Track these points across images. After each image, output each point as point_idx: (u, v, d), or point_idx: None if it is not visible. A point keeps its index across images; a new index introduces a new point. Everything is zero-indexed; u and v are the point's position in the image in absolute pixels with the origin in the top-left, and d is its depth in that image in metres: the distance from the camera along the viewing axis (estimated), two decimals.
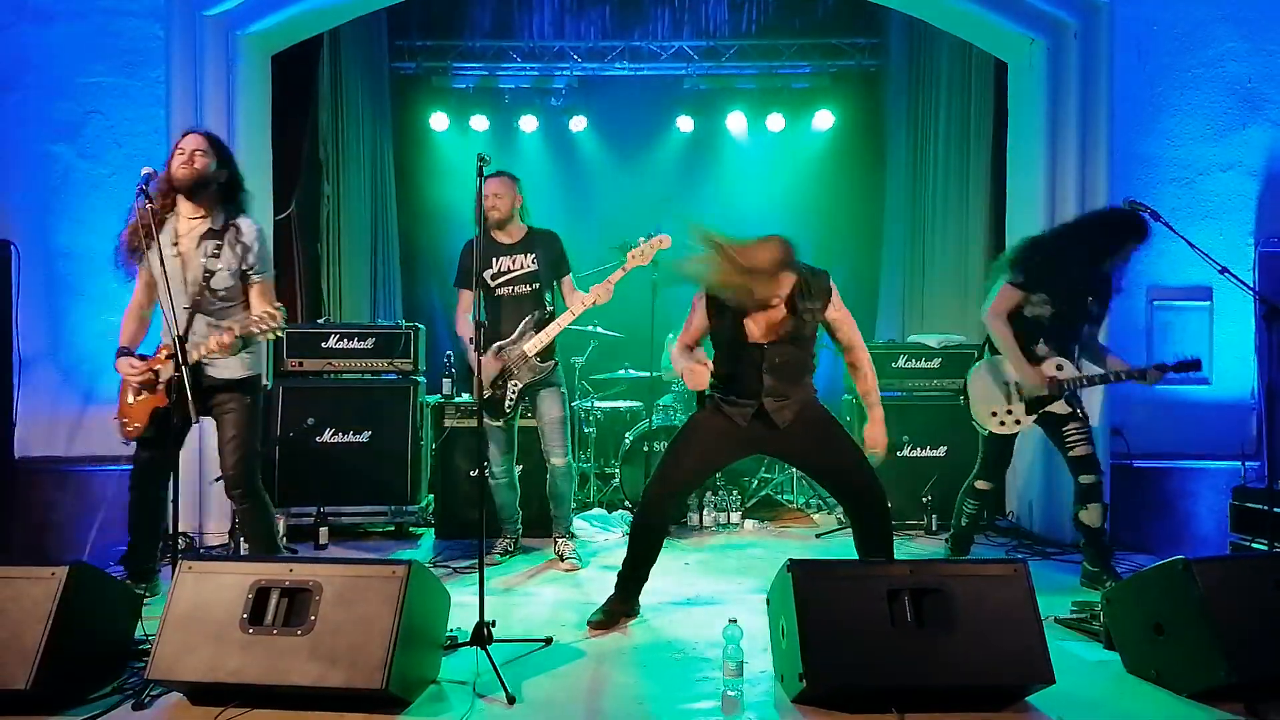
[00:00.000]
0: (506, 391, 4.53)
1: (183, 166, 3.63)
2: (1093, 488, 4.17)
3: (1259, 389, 5.04)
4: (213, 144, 3.72)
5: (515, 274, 4.55)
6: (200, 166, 3.64)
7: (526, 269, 4.56)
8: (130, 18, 4.94)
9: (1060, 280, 4.13)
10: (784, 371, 3.55)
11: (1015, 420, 4.17)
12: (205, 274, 3.63)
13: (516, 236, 4.61)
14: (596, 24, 8.44)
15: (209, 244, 3.66)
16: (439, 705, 2.89)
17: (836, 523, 5.69)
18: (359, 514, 5.35)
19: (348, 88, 7.31)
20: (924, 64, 7.53)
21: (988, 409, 4.21)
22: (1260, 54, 5.06)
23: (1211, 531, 4.96)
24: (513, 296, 4.55)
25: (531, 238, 4.62)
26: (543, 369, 4.54)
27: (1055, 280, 4.14)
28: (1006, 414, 4.18)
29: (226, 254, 3.66)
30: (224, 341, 3.49)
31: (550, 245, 4.63)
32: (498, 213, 4.49)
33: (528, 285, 4.56)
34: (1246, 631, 2.80)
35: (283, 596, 2.85)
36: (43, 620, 2.78)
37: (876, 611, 2.85)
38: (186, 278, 3.64)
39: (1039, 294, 4.17)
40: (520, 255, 4.57)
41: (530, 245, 4.59)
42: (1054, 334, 4.20)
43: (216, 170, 3.68)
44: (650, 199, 8.22)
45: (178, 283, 3.59)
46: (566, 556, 4.67)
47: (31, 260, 4.86)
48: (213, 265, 3.63)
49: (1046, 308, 4.18)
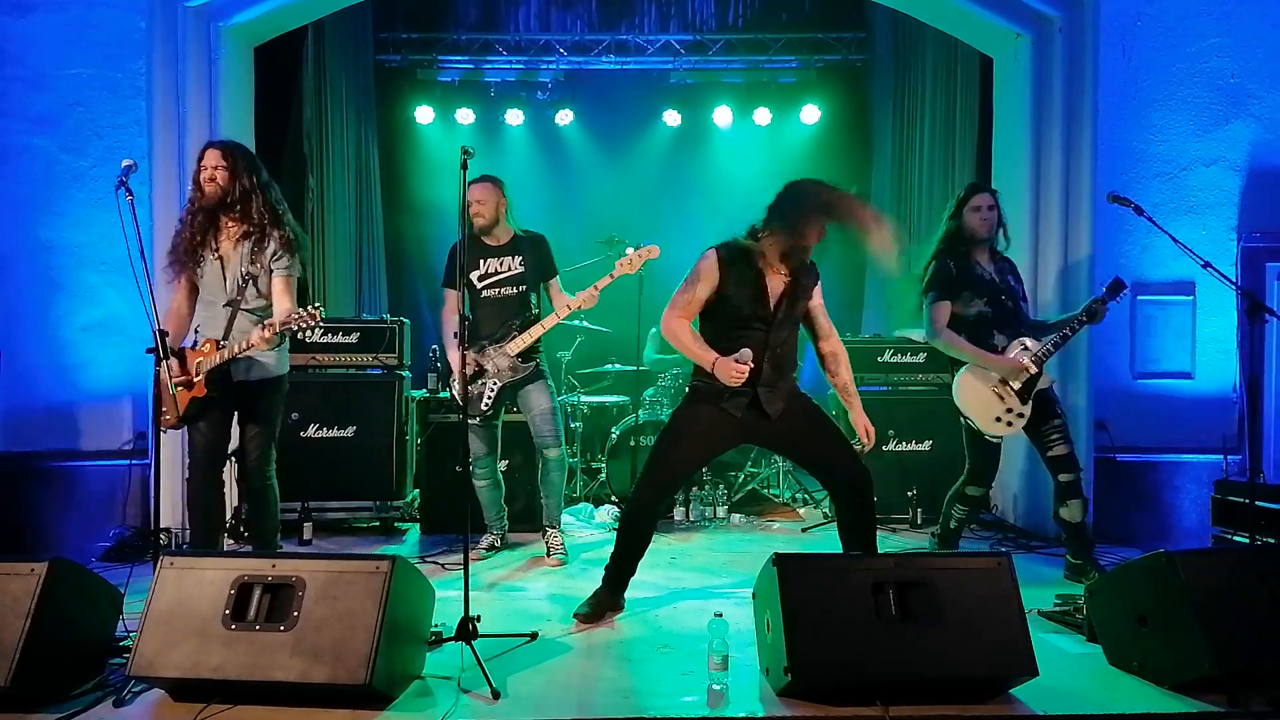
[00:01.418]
0: (485, 390, 4.53)
1: (208, 183, 3.71)
2: (1072, 485, 4.20)
3: (1241, 383, 5.08)
4: (229, 154, 3.76)
5: (502, 276, 4.56)
6: (222, 183, 3.70)
7: (513, 271, 4.57)
8: (111, 9, 4.90)
9: (964, 275, 4.25)
10: (782, 359, 3.59)
11: (1018, 414, 4.18)
12: (245, 275, 3.74)
13: (504, 239, 4.61)
14: (583, 17, 8.42)
15: (245, 245, 3.74)
16: (423, 701, 2.88)
17: (822, 517, 5.70)
18: (343, 509, 5.33)
19: (332, 80, 7.26)
20: (910, 58, 7.54)
21: (990, 416, 4.21)
22: (1244, 49, 5.08)
23: (1194, 525, 5.00)
24: (499, 298, 4.56)
25: (518, 241, 4.63)
26: (523, 369, 4.54)
27: (962, 277, 4.25)
28: (1007, 412, 4.19)
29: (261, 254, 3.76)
30: (266, 336, 3.54)
31: (537, 249, 4.64)
32: (482, 219, 4.50)
33: (514, 288, 4.57)
34: (1228, 623, 2.82)
35: (265, 592, 2.83)
36: (23, 616, 2.76)
37: (861, 605, 2.85)
38: (226, 278, 3.75)
39: (963, 295, 4.26)
40: (507, 258, 4.58)
41: (517, 248, 4.60)
42: (1000, 323, 4.26)
43: (240, 180, 3.73)
44: (637, 193, 8.22)
45: (218, 283, 3.74)
46: (554, 551, 4.66)
47: (13, 254, 4.82)
48: (252, 269, 3.74)
49: (977, 303, 4.26)
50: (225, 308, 3.74)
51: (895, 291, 4.54)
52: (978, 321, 4.26)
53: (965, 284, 4.27)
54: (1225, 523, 4.55)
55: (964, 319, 4.28)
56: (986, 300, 4.26)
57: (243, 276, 3.74)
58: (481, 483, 4.73)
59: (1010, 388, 4.18)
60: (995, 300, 4.27)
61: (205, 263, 3.75)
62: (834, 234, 3.49)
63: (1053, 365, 5.24)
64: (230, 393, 3.75)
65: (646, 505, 3.68)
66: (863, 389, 5.56)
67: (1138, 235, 5.03)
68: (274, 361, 3.83)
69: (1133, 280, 5.12)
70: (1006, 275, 4.36)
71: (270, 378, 3.83)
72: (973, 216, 4.28)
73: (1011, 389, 4.18)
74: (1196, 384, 5.12)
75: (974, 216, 4.28)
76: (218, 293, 3.75)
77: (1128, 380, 5.14)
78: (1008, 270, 4.39)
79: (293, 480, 5.18)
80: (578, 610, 3.70)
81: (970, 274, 4.28)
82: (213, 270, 3.75)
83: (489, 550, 4.78)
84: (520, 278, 4.58)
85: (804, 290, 3.60)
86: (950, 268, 4.28)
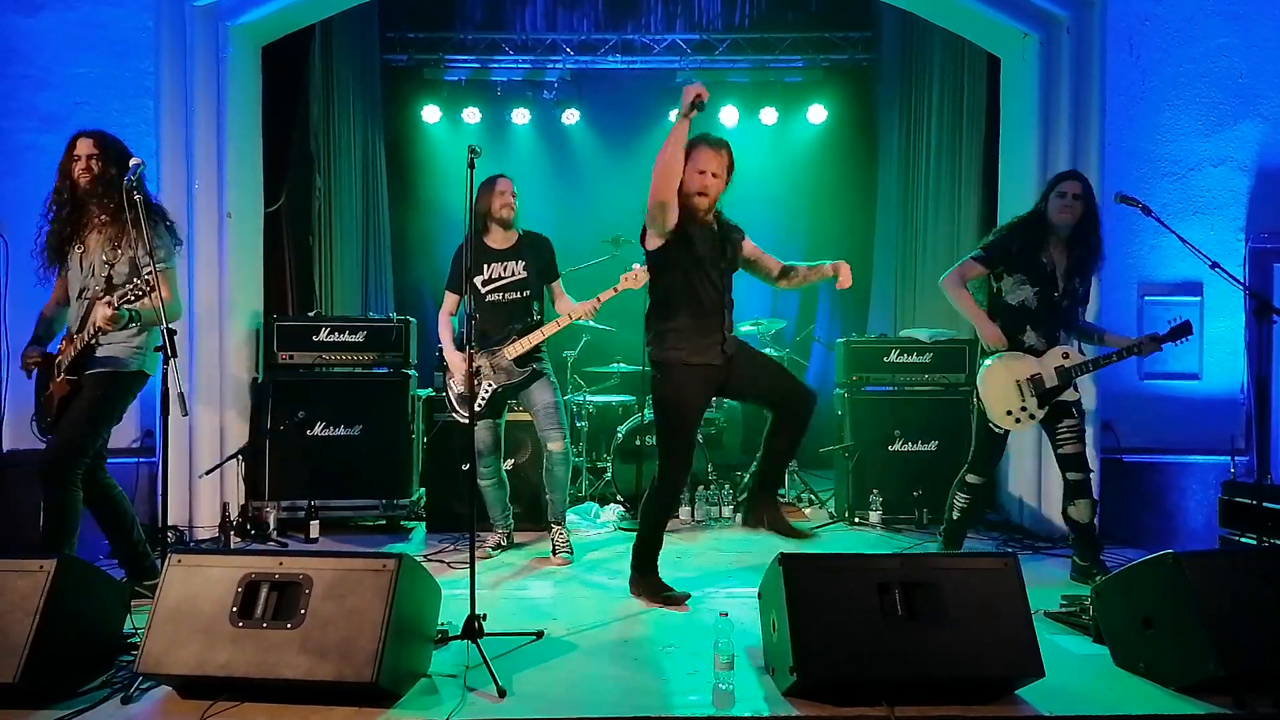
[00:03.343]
0: (479, 391, 4.52)
1: (82, 174, 3.66)
2: (1081, 484, 4.19)
3: (1248, 384, 5.06)
4: (99, 143, 3.70)
5: (505, 281, 4.57)
6: (97, 171, 3.66)
7: (517, 276, 4.58)
8: (119, 8, 4.92)
9: (1025, 257, 4.15)
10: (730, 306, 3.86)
11: (1030, 415, 4.17)
12: (104, 265, 3.67)
13: (509, 241, 4.61)
14: (589, 17, 8.42)
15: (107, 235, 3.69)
16: (429, 698, 2.88)
17: (828, 516, 5.70)
18: (350, 507, 5.34)
19: (339, 79, 7.27)
20: (917, 58, 7.53)
21: (1004, 408, 4.19)
22: (1252, 49, 5.07)
23: (1200, 526, 4.99)
24: (502, 302, 4.56)
25: (522, 243, 4.62)
26: (520, 373, 4.53)
27: (1021, 258, 4.16)
28: (1021, 410, 4.17)
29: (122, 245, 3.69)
30: (107, 315, 3.43)
31: (540, 252, 4.64)
32: (510, 210, 4.53)
33: (518, 292, 4.58)
34: (1234, 625, 2.82)
35: (273, 590, 2.84)
36: (31, 613, 2.77)
37: (867, 604, 2.85)
38: (83, 268, 3.72)
39: (1015, 276, 4.18)
40: (511, 262, 4.58)
41: (520, 251, 4.60)
42: (1041, 319, 4.17)
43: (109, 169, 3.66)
44: (643, 192, 8.20)
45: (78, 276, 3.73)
46: (560, 549, 4.65)
47: (20, 252, 4.82)
48: (112, 258, 3.66)
49: (1027, 288, 4.17)
50: (81, 300, 3.67)
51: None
52: (1019, 310, 4.19)
53: (1021, 266, 4.16)
54: (1232, 524, 4.54)
55: (1004, 301, 4.21)
56: (1037, 292, 4.15)
57: (99, 266, 3.65)
58: (486, 482, 4.71)
59: (1034, 388, 4.15)
60: (1046, 295, 4.16)
61: (71, 256, 3.70)
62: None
63: None
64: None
65: (677, 484, 3.92)
66: (868, 389, 5.62)
67: (1145, 235, 5.02)
68: (125, 355, 3.70)
69: (1140, 280, 5.12)
70: (1073, 275, 4.19)
71: (110, 371, 3.67)
72: (1056, 203, 4.14)
73: (1033, 390, 4.15)
74: (1204, 385, 5.11)
75: (1057, 203, 4.13)
76: (80, 285, 3.69)
77: (1135, 381, 5.13)
78: (1076, 270, 4.20)
79: (299, 478, 5.24)
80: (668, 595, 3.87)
81: (1031, 259, 4.15)
82: (76, 263, 3.70)
83: (495, 549, 4.78)
84: (523, 283, 4.58)
85: (730, 242, 3.87)
86: (1013, 244, 4.18)
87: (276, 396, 5.32)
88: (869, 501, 5.47)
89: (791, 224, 8.49)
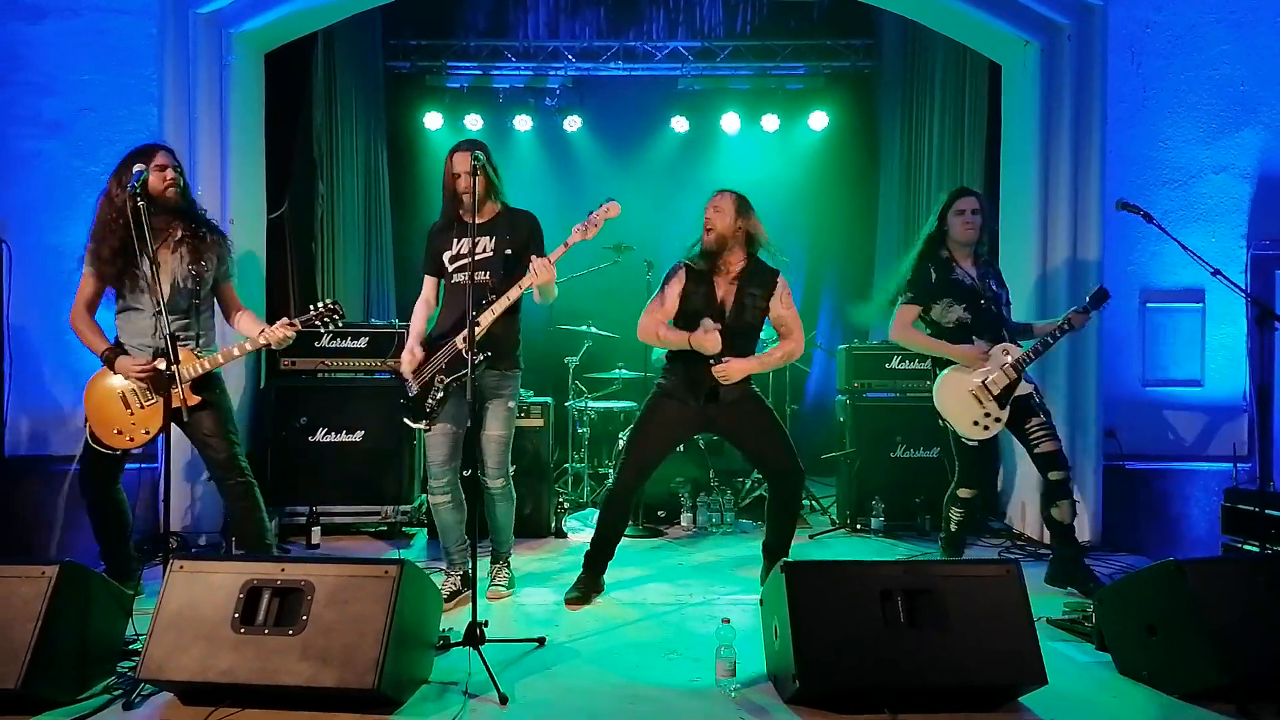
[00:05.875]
0: (431, 391, 3.89)
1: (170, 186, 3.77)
2: (1061, 484, 4.14)
3: (1250, 391, 5.06)
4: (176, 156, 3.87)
5: (474, 258, 3.74)
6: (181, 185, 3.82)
7: (484, 254, 3.90)
8: (122, 15, 4.92)
9: (944, 281, 4.25)
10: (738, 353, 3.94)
11: (995, 419, 4.16)
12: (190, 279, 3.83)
13: (486, 217, 3.96)
14: (591, 24, 8.44)
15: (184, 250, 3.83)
16: (431, 705, 2.88)
17: (830, 523, 5.70)
18: (351, 513, 5.34)
19: (342, 86, 7.28)
20: (918, 65, 7.54)
21: (968, 420, 4.20)
22: (1253, 57, 5.08)
23: (1203, 533, 4.98)
24: (466, 285, 3.67)
25: (499, 219, 3.97)
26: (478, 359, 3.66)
27: (941, 283, 4.25)
28: (985, 416, 4.17)
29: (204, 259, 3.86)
30: (288, 334, 3.74)
31: (517, 227, 3.96)
32: (470, 195, 3.66)
33: (485, 273, 3.87)
34: (1238, 632, 2.81)
35: (274, 596, 2.84)
36: (33, 619, 2.77)
37: (870, 612, 2.85)
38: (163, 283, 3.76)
39: (942, 301, 4.26)
40: (483, 238, 3.91)
41: (494, 227, 3.94)
42: (980, 328, 4.24)
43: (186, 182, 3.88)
44: (644, 199, 8.21)
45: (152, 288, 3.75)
46: (496, 584, 4.12)
47: (23, 258, 4.84)
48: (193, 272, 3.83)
49: (957, 309, 4.25)
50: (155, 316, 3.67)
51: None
52: (957, 328, 4.25)
53: (945, 290, 4.25)
54: (1235, 531, 4.53)
55: (943, 326, 4.28)
56: (966, 306, 4.24)
57: (184, 279, 3.79)
58: (439, 498, 3.93)
59: (989, 392, 4.15)
60: (975, 306, 4.25)
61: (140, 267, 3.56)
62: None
63: (1061, 373, 5.27)
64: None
65: (626, 488, 4.08)
66: (870, 395, 5.62)
67: (1147, 243, 5.02)
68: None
69: (1141, 288, 5.11)
70: (989, 280, 4.33)
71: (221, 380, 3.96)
72: (956, 220, 4.27)
73: (990, 393, 4.15)
74: (1206, 392, 5.10)
75: (958, 220, 4.27)
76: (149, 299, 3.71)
77: (1137, 388, 5.12)
78: (990, 275, 4.36)
79: (300, 484, 5.23)
80: (567, 595, 4.01)
81: (950, 280, 4.26)
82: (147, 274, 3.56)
83: (449, 597, 3.86)
84: (489, 261, 3.91)
85: (749, 295, 3.97)
86: (930, 272, 4.27)
87: (279, 402, 5.32)
88: (871, 508, 5.47)
89: (793, 231, 8.48)
